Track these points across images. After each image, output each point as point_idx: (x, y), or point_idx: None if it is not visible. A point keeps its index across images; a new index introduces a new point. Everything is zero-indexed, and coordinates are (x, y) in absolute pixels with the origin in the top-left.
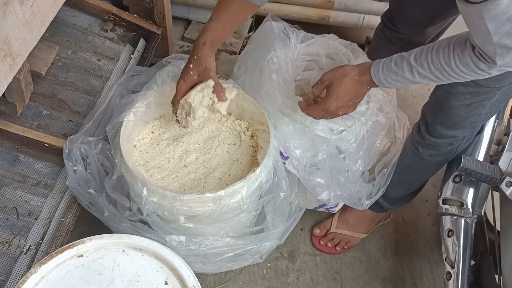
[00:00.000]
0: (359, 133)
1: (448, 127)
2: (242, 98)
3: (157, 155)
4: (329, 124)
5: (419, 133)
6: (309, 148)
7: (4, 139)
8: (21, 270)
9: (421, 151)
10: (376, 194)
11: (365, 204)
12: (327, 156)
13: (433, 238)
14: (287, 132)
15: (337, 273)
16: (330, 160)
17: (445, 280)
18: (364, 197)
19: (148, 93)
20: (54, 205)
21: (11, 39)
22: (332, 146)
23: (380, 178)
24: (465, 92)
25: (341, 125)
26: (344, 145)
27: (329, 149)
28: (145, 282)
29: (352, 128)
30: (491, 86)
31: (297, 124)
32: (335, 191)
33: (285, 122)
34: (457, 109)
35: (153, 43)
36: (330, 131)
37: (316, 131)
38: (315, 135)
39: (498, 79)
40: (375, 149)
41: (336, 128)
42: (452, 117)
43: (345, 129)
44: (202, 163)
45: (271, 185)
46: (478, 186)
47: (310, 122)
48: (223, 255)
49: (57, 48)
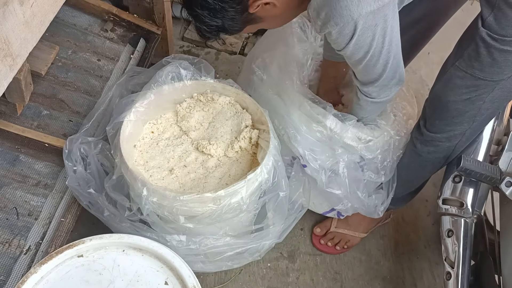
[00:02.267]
0: (386, 145)
1: (446, 122)
2: (242, 98)
3: (157, 155)
4: (358, 133)
5: (418, 129)
6: (329, 158)
7: (4, 139)
8: (21, 270)
9: (419, 148)
10: (388, 198)
11: (380, 211)
12: (347, 168)
13: (433, 238)
14: (309, 141)
15: (337, 273)
16: (349, 172)
17: (445, 280)
18: (379, 205)
19: (148, 93)
20: (54, 205)
21: (11, 39)
22: (356, 155)
23: (386, 181)
24: (463, 86)
25: (369, 135)
26: (368, 155)
27: (349, 160)
28: (145, 282)
29: (379, 138)
30: (489, 79)
31: (327, 130)
32: (353, 203)
33: (313, 128)
34: (455, 104)
35: (153, 43)
36: (358, 139)
37: (344, 138)
38: (343, 142)
39: (495, 72)
40: (396, 159)
41: (364, 138)
42: (450, 111)
43: (372, 139)
44: (202, 163)
45: (271, 185)
46: (478, 186)
47: (339, 129)
48: (223, 254)
49: (57, 48)
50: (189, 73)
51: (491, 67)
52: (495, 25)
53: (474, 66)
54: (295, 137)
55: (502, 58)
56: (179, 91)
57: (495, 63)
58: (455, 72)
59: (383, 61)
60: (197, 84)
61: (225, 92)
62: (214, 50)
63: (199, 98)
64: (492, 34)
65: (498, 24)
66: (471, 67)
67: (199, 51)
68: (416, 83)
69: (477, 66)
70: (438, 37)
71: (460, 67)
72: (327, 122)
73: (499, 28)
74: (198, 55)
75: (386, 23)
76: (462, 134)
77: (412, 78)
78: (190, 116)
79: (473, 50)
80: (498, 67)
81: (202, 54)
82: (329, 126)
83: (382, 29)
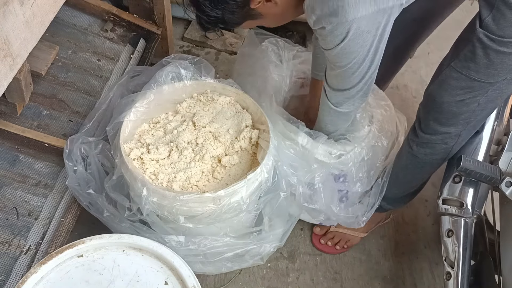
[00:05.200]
0: (359, 157)
1: (441, 123)
2: (242, 98)
3: (157, 154)
4: (328, 148)
5: (414, 131)
6: (307, 173)
7: (4, 139)
8: (21, 270)
9: (415, 149)
10: (372, 208)
11: (362, 221)
12: (323, 183)
13: (433, 238)
14: (288, 156)
15: (337, 273)
16: (325, 187)
17: (445, 280)
18: (360, 215)
19: (148, 93)
20: (54, 205)
21: (11, 39)
22: (330, 170)
23: (375, 188)
24: (457, 87)
25: (340, 150)
26: (343, 168)
27: (325, 175)
28: (145, 282)
29: (351, 152)
30: (484, 80)
31: (298, 147)
32: (329, 216)
33: (287, 145)
34: (449, 105)
35: (153, 43)
36: (329, 155)
37: (315, 154)
38: (315, 158)
39: (491, 74)
40: (375, 170)
41: (335, 153)
42: (444, 113)
43: (343, 153)
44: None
45: (271, 185)
46: (477, 186)
47: (310, 146)
48: (222, 255)
49: (57, 48)
50: (189, 73)
51: (487, 68)
52: (493, 25)
53: (469, 67)
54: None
55: (498, 60)
56: (179, 91)
57: (491, 64)
58: (450, 73)
59: (362, 72)
60: (197, 84)
61: (225, 92)
62: (214, 50)
63: (199, 98)
64: (490, 35)
65: (497, 24)
66: (466, 68)
67: (199, 51)
68: (416, 83)
69: (472, 67)
70: (438, 37)
71: (455, 68)
72: (299, 139)
73: (497, 29)
74: (198, 55)
75: (377, 31)
76: (458, 135)
77: (412, 78)
78: (190, 116)
79: (470, 51)
80: (493, 68)
81: (202, 54)
82: (300, 143)
83: (372, 37)
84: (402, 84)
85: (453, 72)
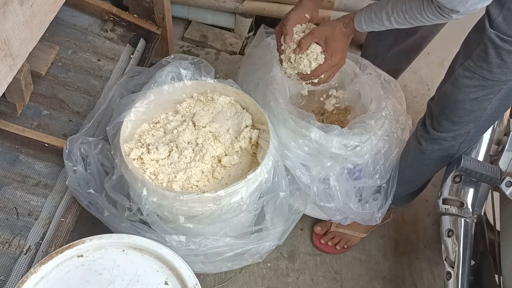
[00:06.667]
0: (375, 148)
1: (454, 121)
2: (242, 98)
3: (157, 154)
4: (343, 140)
5: (424, 127)
6: (321, 171)
7: (4, 139)
8: (21, 270)
9: (424, 146)
10: (386, 204)
11: (378, 218)
12: (338, 180)
13: (433, 238)
14: (301, 156)
15: (337, 273)
16: (341, 184)
17: (445, 280)
18: (376, 211)
19: (148, 93)
20: (54, 205)
21: (11, 39)
22: (346, 164)
23: (385, 184)
24: (471, 85)
25: (356, 141)
26: (358, 160)
27: (341, 172)
28: (145, 282)
29: (367, 143)
30: (497, 79)
31: (312, 143)
32: (347, 214)
33: (300, 143)
34: (463, 103)
35: (153, 43)
36: (344, 147)
37: (331, 148)
38: (331, 152)
39: (504, 73)
40: (390, 162)
41: (351, 144)
42: (458, 111)
43: (359, 144)
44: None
45: (271, 185)
46: (478, 186)
47: (324, 140)
48: (223, 254)
49: (57, 48)
50: (189, 73)
51: (500, 67)
52: (505, 26)
53: (482, 67)
54: (286, 154)
55: (510, 59)
56: (179, 91)
57: (504, 64)
58: (463, 72)
59: None
60: (197, 84)
61: (225, 92)
62: (214, 50)
63: (199, 98)
64: (502, 36)
65: (508, 25)
66: (479, 68)
67: (199, 51)
68: (416, 83)
69: (485, 67)
70: (438, 37)
71: (468, 67)
72: (312, 135)
73: (508, 29)
74: (198, 55)
75: None
76: (467, 133)
77: (412, 78)
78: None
79: (482, 51)
80: (506, 67)
81: (202, 54)
82: (314, 139)
83: None
84: (402, 84)
85: (466, 71)
